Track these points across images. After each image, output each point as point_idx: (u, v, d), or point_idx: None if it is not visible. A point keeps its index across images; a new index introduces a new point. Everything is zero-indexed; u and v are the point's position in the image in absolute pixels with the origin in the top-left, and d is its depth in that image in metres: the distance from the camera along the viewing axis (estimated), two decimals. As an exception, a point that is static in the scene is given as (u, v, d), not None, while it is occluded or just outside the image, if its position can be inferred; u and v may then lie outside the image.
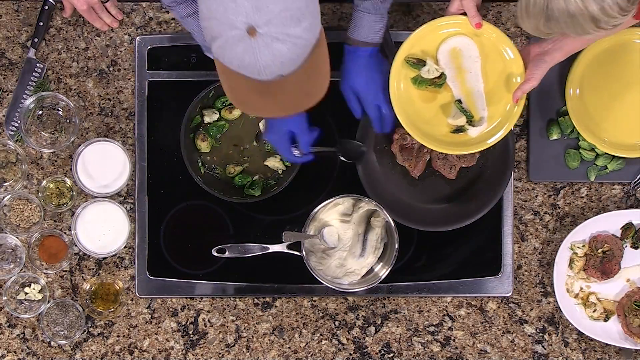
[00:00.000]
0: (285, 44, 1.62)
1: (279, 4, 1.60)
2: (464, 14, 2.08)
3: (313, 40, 1.67)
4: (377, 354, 2.32)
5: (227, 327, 2.32)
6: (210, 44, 1.67)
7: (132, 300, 2.32)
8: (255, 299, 2.32)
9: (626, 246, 2.30)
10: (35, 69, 2.30)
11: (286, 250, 2.23)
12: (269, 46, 1.61)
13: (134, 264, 2.31)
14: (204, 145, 2.27)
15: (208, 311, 2.32)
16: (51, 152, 2.30)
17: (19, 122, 2.27)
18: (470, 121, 2.14)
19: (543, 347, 2.32)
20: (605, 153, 2.28)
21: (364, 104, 2.17)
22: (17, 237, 2.28)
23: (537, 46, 2.08)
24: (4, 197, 2.27)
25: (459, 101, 2.14)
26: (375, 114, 2.18)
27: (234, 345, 2.32)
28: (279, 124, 2.11)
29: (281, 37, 1.61)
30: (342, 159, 2.25)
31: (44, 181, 2.27)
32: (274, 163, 2.28)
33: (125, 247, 2.29)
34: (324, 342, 2.33)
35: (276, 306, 2.32)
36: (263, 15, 1.59)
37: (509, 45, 2.09)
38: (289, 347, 2.32)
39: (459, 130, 2.15)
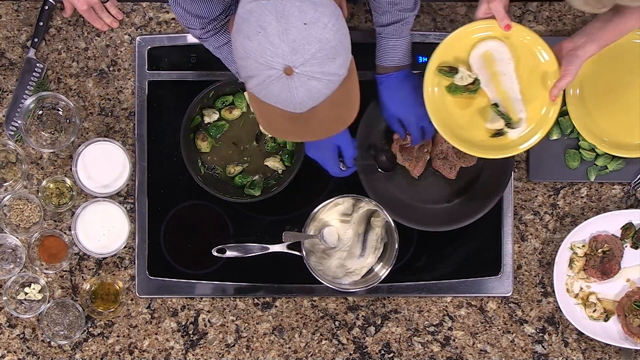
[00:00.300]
0: (321, 81, 1.65)
1: (315, 45, 1.62)
2: (492, 17, 2.08)
3: (346, 73, 1.70)
4: (377, 354, 2.32)
5: (227, 327, 2.32)
6: (246, 81, 1.69)
7: (132, 300, 2.32)
8: (255, 299, 2.32)
9: (626, 246, 2.30)
10: (35, 69, 2.30)
11: (286, 250, 2.23)
12: (305, 84, 1.64)
13: (134, 264, 2.31)
14: (204, 145, 2.27)
15: (208, 311, 2.32)
16: (51, 152, 2.30)
17: (19, 122, 2.27)
18: (509, 124, 2.13)
19: (543, 347, 2.32)
20: (605, 153, 2.28)
21: (407, 127, 2.18)
22: (17, 237, 2.28)
23: (569, 42, 2.07)
24: (4, 197, 2.27)
25: (496, 105, 2.13)
26: (419, 134, 2.20)
27: (234, 345, 2.32)
28: (326, 140, 2.13)
29: (317, 75, 1.64)
30: (379, 170, 2.26)
31: (44, 181, 2.27)
32: (274, 163, 2.28)
33: (125, 247, 2.29)
34: (324, 342, 2.33)
35: (276, 306, 2.32)
36: (300, 57, 1.62)
37: (542, 46, 2.09)
38: (289, 347, 2.32)
39: (499, 133, 2.14)
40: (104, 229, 2.27)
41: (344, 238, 2.26)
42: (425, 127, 2.19)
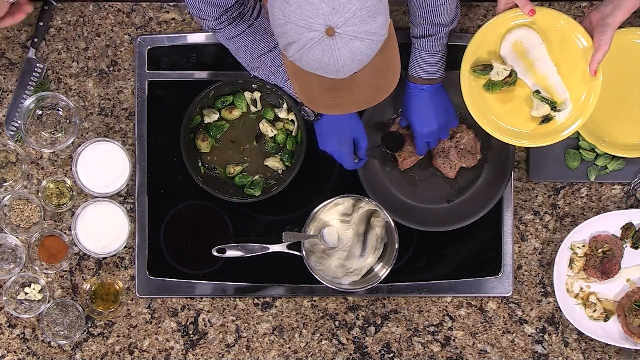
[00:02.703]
0: (363, 41, 1.64)
1: (355, 3, 1.61)
2: (513, 7, 2.09)
3: (386, 34, 1.69)
4: (377, 354, 2.32)
5: (227, 327, 2.32)
6: (286, 49, 1.67)
7: (132, 300, 2.32)
8: (255, 299, 2.32)
9: (626, 246, 2.30)
10: (35, 69, 2.30)
11: (286, 250, 2.23)
12: (347, 45, 1.63)
13: (134, 264, 2.31)
14: (204, 145, 2.27)
15: (208, 311, 2.32)
16: (51, 152, 2.30)
17: (19, 122, 2.27)
18: (555, 107, 2.13)
19: (543, 347, 2.32)
20: (605, 153, 2.28)
21: (415, 137, 2.19)
22: (17, 237, 2.28)
23: (596, 13, 2.08)
24: (4, 197, 2.27)
25: (538, 91, 2.13)
26: (424, 148, 2.20)
27: (234, 345, 2.32)
28: (343, 133, 2.14)
29: (359, 35, 1.63)
30: (387, 151, 2.25)
31: (44, 181, 2.27)
32: (274, 163, 2.28)
33: (125, 247, 2.29)
34: (324, 342, 2.33)
35: (276, 306, 2.32)
36: (341, 16, 1.61)
37: (569, 22, 2.09)
38: (289, 347, 2.32)
39: (546, 119, 2.14)
40: (104, 229, 2.27)
41: (344, 238, 2.25)
42: (430, 143, 2.19)
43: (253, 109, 2.29)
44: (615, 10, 2.04)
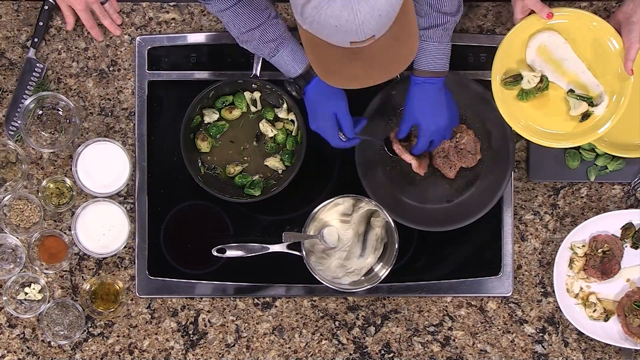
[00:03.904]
0: None
1: None
2: (530, 13, 2.10)
3: None
4: (377, 354, 2.32)
5: (227, 327, 2.32)
6: (302, 11, 1.66)
7: (132, 300, 2.32)
8: (255, 299, 2.32)
9: (626, 246, 2.30)
10: (35, 69, 2.30)
11: (286, 250, 2.23)
12: None
13: (134, 264, 2.31)
14: (204, 145, 2.27)
15: (208, 311, 2.32)
16: (51, 152, 2.31)
17: (19, 122, 2.27)
18: (591, 103, 2.14)
19: (543, 347, 2.32)
20: (605, 153, 2.28)
21: (419, 135, 2.16)
22: (17, 237, 2.28)
23: (619, 13, 2.10)
24: (4, 197, 2.27)
25: (572, 90, 2.14)
26: (426, 145, 2.18)
27: (234, 345, 2.32)
28: (324, 108, 2.10)
29: None
30: (389, 154, 2.24)
31: (44, 181, 2.27)
32: (274, 163, 2.28)
33: (125, 247, 2.29)
34: (324, 342, 2.33)
35: (276, 306, 2.32)
36: None
37: (588, 17, 2.10)
38: (289, 347, 2.32)
39: (586, 115, 2.15)
40: (104, 229, 2.27)
41: (344, 238, 2.25)
42: (435, 141, 2.18)
43: (253, 109, 2.29)
44: (637, 7, 2.07)
